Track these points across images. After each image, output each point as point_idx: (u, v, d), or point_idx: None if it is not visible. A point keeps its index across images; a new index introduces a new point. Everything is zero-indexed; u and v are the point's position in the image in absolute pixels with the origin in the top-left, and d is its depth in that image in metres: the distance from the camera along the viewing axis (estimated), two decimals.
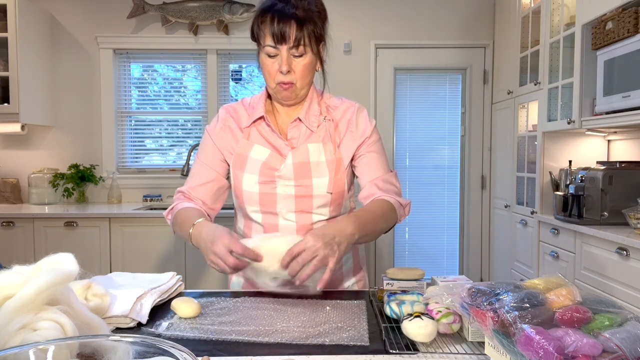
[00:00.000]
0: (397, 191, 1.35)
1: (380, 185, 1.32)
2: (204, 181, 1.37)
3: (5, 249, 3.21)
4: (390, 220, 1.29)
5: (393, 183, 1.35)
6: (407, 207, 1.36)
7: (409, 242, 4.00)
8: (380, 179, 1.33)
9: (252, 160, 1.32)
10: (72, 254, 0.90)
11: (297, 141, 1.34)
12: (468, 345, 0.94)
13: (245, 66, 4.00)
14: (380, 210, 1.26)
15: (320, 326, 1.03)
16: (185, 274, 3.22)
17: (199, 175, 1.38)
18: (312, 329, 1.01)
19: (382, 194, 1.31)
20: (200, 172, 1.38)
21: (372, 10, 3.86)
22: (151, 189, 3.86)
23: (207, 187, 1.37)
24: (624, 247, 2.16)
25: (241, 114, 1.39)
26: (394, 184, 1.35)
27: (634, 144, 2.85)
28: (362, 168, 1.35)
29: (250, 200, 1.33)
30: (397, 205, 1.30)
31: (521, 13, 3.35)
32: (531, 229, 3.14)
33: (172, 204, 1.39)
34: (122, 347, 0.63)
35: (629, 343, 0.67)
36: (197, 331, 1.01)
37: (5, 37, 3.33)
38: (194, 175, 1.39)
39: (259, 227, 1.36)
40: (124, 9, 3.76)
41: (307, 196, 1.31)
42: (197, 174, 1.38)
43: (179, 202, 1.37)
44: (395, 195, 1.33)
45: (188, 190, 1.38)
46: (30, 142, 3.83)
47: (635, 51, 2.24)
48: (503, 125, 3.69)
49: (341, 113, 1.37)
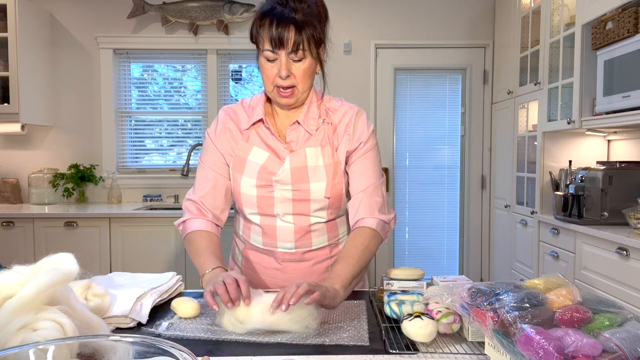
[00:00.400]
0: (382, 203, 1.33)
1: (366, 201, 1.30)
2: (211, 187, 1.36)
3: (5, 249, 3.21)
4: (375, 248, 1.28)
5: (380, 194, 1.33)
6: (391, 221, 1.34)
7: (409, 242, 4.00)
8: (368, 192, 1.31)
9: (250, 163, 1.32)
10: (72, 254, 0.90)
11: (295, 144, 1.33)
12: (468, 345, 0.94)
13: (245, 66, 4.00)
14: (362, 246, 1.24)
15: (320, 326, 1.02)
16: (185, 274, 3.22)
17: (206, 181, 1.37)
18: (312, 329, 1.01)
19: (366, 216, 1.29)
20: (206, 178, 1.37)
21: (372, 10, 3.86)
22: (151, 189, 3.86)
23: (216, 193, 1.36)
24: (624, 247, 2.16)
25: (240, 116, 1.38)
26: (380, 195, 1.33)
27: (634, 144, 2.85)
28: (353, 175, 1.34)
29: (248, 203, 1.34)
30: (380, 228, 1.29)
31: (521, 13, 3.35)
32: (531, 229, 3.14)
33: (184, 217, 1.37)
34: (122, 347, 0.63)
35: (629, 343, 0.67)
36: (197, 331, 1.01)
37: (5, 37, 3.33)
38: (201, 182, 1.38)
39: (257, 229, 1.37)
40: (124, 9, 3.76)
41: (305, 200, 1.31)
42: (204, 180, 1.37)
43: (190, 216, 1.35)
44: (379, 211, 1.31)
45: (199, 200, 1.36)
46: (30, 142, 3.83)
47: (635, 51, 2.24)
48: (503, 125, 3.69)
49: (340, 116, 1.36)
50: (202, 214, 1.35)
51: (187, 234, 1.34)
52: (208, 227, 1.33)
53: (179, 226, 1.38)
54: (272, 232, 1.34)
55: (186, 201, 1.39)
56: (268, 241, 1.36)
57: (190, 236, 1.32)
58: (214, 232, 1.34)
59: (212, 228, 1.34)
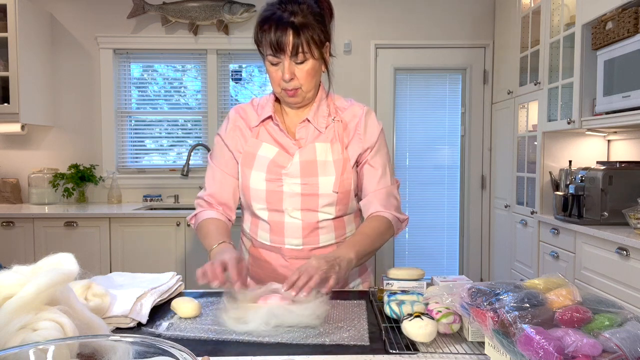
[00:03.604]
0: (397, 205, 1.39)
1: (382, 199, 1.36)
2: (220, 186, 1.41)
3: (5, 249, 3.21)
4: (387, 237, 1.35)
5: (395, 196, 1.39)
6: (404, 222, 1.40)
7: (409, 242, 4.00)
8: (384, 192, 1.37)
9: (260, 158, 1.34)
10: (72, 254, 0.90)
11: (305, 141, 1.35)
12: (468, 345, 0.94)
13: (245, 66, 3.99)
14: (377, 230, 1.31)
15: (320, 326, 1.03)
16: (185, 274, 3.22)
17: (214, 180, 1.42)
18: (312, 329, 1.01)
19: (381, 210, 1.34)
20: (217, 177, 1.42)
21: (372, 10, 3.86)
22: (151, 189, 3.86)
23: (224, 191, 1.42)
24: (624, 247, 2.16)
25: (250, 114, 1.41)
26: (395, 197, 1.39)
27: (634, 144, 2.85)
28: (368, 175, 1.38)
29: (257, 198, 1.35)
30: (394, 222, 1.36)
31: (521, 13, 3.35)
32: (531, 229, 3.14)
33: (196, 210, 1.44)
34: (122, 347, 0.63)
35: (629, 343, 0.67)
36: (197, 331, 1.01)
37: (5, 37, 3.33)
38: (212, 181, 1.43)
39: (265, 225, 1.37)
40: (124, 9, 3.76)
41: (313, 194, 1.32)
42: (215, 179, 1.42)
43: (202, 209, 1.42)
44: (395, 210, 1.37)
45: (209, 196, 1.42)
46: (30, 142, 3.83)
47: (635, 51, 2.24)
48: (503, 125, 3.69)
49: (350, 115, 1.39)
50: (212, 208, 1.42)
51: (198, 224, 1.40)
52: (219, 216, 1.40)
53: (191, 219, 1.45)
54: (280, 229, 1.35)
55: (197, 199, 1.46)
56: (275, 238, 1.36)
57: (201, 224, 1.39)
58: (224, 220, 1.40)
59: (222, 217, 1.41)
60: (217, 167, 1.42)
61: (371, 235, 1.29)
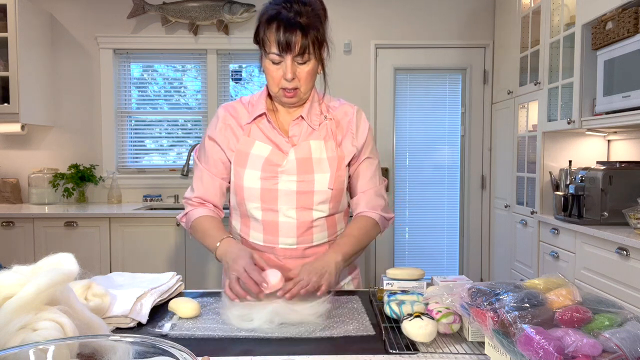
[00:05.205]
0: (385, 205, 1.44)
1: (370, 199, 1.41)
2: (210, 185, 1.41)
3: (5, 249, 3.21)
4: (374, 235, 1.41)
5: (383, 196, 1.44)
6: (390, 220, 1.45)
7: (409, 242, 4.00)
8: (373, 192, 1.42)
9: (253, 157, 1.34)
10: (72, 254, 0.90)
11: (298, 139, 1.35)
12: (468, 345, 0.94)
13: (245, 66, 3.99)
14: (364, 230, 1.37)
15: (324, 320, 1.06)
16: (185, 274, 3.22)
17: (204, 181, 1.41)
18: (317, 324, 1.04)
19: (368, 210, 1.40)
20: (205, 179, 1.41)
21: (372, 10, 3.86)
22: (151, 189, 3.86)
23: (213, 193, 1.41)
24: (624, 247, 2.16)
25: (241, 112, 1.40)
26: (383, 197, 1.44)
27: (634, 144, 2.85)
28: (359, 175, 1.42)
29: (251, 197, 1.34)
30: (381, 221, 1.41)
31: (521, 13, 3.35)
32: (531, 229, 3.14)
33: (186, 209, 1.44)
34: (122, 347, 0.63)
35: (629, 343, 0.67)
36: (197, 331, 1.01)
37: (5, 37, 3.33)
38: (200, 183, 1.42)
39: (258, 225, 1.37)
40: (124, 9, 3.76)
41: (309, 192, 1.33)
42: (202, 181, 1.41)
43: (192, 208, 1.42)
44: (382, 210, 1.41)
45: (198, 195, 1.42)
46: (30, 142, 3.83)
47: (635, 51, 2.24)
48: (503, 125, 3.69)
49: (342, 114, 1.41)
50: (203, 205, 1.42)
51: (192, 222, 1.39)
52: (211, 213, 1.40)
53: (182, 219, 1.44)
54: (274, 228, 1.35)
55: (185, 199, 1.45)
56: (269, 237, 1.36)
57: (195, 223, 1.38)
58: (217, 217, 1.40)
59: (214, 214, 1.41)
60: (205, 169, 1.41)
61: (357, 236, 1.34)
